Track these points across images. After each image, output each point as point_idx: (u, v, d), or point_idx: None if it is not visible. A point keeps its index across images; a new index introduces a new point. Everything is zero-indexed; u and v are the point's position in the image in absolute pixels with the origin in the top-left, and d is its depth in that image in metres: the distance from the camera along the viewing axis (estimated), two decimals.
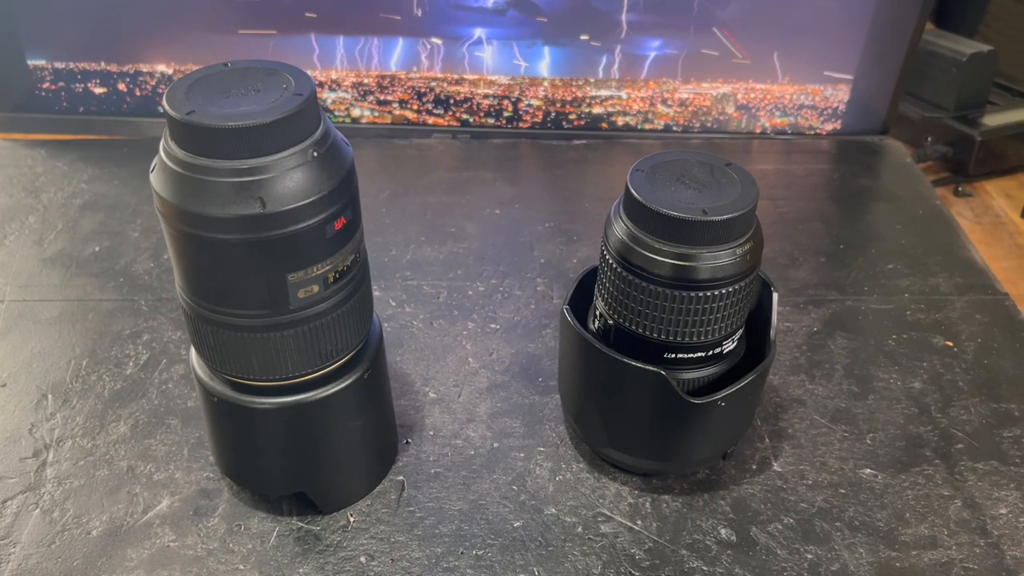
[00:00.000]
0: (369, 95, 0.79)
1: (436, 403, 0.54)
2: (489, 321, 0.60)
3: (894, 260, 0.67)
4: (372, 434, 0.47)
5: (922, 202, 0.75)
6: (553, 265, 0.66)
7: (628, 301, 0.43)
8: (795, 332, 0.60)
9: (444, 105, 0.81)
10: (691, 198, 0.42)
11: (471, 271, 0.65)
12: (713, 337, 0.44)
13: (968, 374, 0.57)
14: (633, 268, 0.42)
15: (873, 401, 0.55)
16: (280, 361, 0.41)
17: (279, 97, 0.37)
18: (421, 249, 0.67)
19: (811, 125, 0.83)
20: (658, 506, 0.48)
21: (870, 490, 0.49)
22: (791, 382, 0.56)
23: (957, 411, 0.54)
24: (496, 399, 0.54)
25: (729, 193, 0.42)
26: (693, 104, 0.81)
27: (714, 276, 0.41)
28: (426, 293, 0.62)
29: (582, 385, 0.48)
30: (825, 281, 0.65)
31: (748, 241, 0.42)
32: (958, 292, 0.64)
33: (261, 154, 0.36)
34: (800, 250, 0.68)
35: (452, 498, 0.48)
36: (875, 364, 0.57)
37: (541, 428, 0.52)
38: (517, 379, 0.56)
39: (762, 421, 0.53)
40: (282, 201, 0.36)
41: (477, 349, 0.58)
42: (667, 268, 0.41)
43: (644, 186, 0.42)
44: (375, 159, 0.78)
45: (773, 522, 0.47)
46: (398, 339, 0.58)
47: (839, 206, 0.75)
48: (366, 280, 0.44)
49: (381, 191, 0.73)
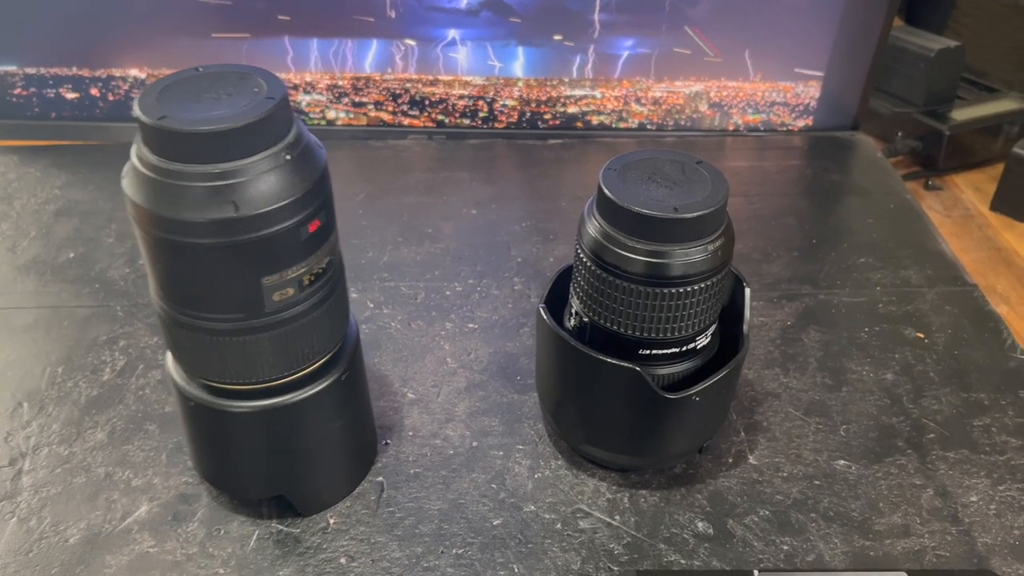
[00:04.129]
0: (344, 97, 0.79)
1: (415, 403, 0.54)
2: (467, 321, 0.60)
3: (866, 254, 0.68)
4: (351, 436, 0.47)
5: (893, 196, 0.76)
6: (530, 264, 0.66)
7: (602, 299, 0.44)
8: (769, 326, 0.61)
9: (419, 106, 0.81)
10: (663, 196, 0.42)
11: (448, 271, 0.65)
12: (687, 333, 0.44)
13: (939, 365, 0.58)
14: (607, 266, 0.43)
15: (846, 393, 0.55)
16: (256, 364, 0.41)
17: (251, 101, 0.37)
18: (398, 250, 0.67)
19: (783, 122, 0.84)
20: (636, 501, 0.48)
21: (844, 481, 0.50)
22: (766, 376, 0.57)
23: (928, 401, 0.55)
24: (475, 398, 0.54)
25: (700, 190, 0.42)
26: (666, 102, 0.81)
27: (687, 273, 0.42)
28: (404, 294, 0.63)
29: (559, 382, 0.48)
30: (798, 275, 0.66)
31: (720, 237, 0.42)
32: (928, 284, 0.65)
33: (234, 158, 0.36)
34: (773, 245, 0.69)
35: (432, 498, 0.48)
36: (848, 356, 0.58)
37: (520, 426, 0.53)
38: (495, 378, 0.56)
39: (738, 415, 0.54)
40: (255, 204, 0.36)
41: (455, 349, 0.58)
42: (640, 265, 0.42)
43: (616, 185, 0.42)
44: (351, 161, 0.78)
45: (749, 514, 0.48)
46: (376, 340, 0.58)
47: (811, 201, 0.76)
48: (342, 282, 0.44)
49: (357, 193, 0.74)
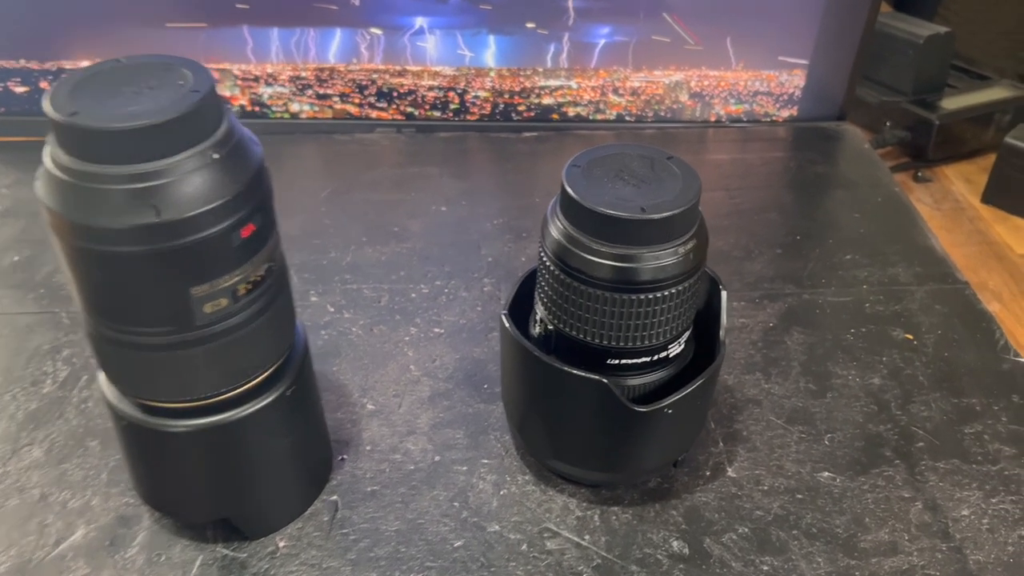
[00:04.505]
0: (308, 89, 0.76)
1: (374, 415, 0.51)
2: (433, 325, 0.57)
3: (852, 250, 0.65)
4: (301, 453, 0.44)
5: (880, 189, 0.73)
6: (501, 264, 0.63)
7: (567, 305, 0.41)
8: (750, 328, 0.58)
9: (387, 98, 0.77)
10: (630, 195, 0.39)
11: (414, 272, 0.62)
12: (658, 341, 0.41)
13: (928, 368, 0.55)
14: (571, 271, 0.39)
15: (831, 399, 0.53)
16: (190, 381, 0.38)
17: (174, 94, 0.34)
18: (362, 250, 0.64)
19: (767, 112, 0.81)
20: (607, 519, 0.45)
21: (828, 494, 0.47)
22: (746, 381, 0.54)
23: (917, 407, 0.52)
24: (438, 409, 0.51)
25: (670, 188, 0.39)
26: (645, 93, 0.78)
27: (656, 277, 0.39)
28: (366, 297, 0.59)
29: (524, 394, 0.45)
30: (781, 274, 0.63)
31: (691, 239, 0.39)
32: (918, 282, 0.62)
33: (154, 157, 0.33)
34: (756, 242, 0.66)
35: (389, 518, 0.45)
36: (833, 360, 0.55)
37: (485, 439, 0.50)
38: (461, 387, 0.53)
39: (716, 423, 0.51)
40: (179, 208, 0.33)
41: (419, 356, 0.55)
42: (606, 270, 0.39)
43: (580, 183, 0.39)
44: (315, 156, 0.75)
45: (727, 532, 0.45)
46: (335, 347, 0.55)
47: (796, 195, 0.73)
48: (285, 290, 0.40)
49: (321, 189, 0.70)
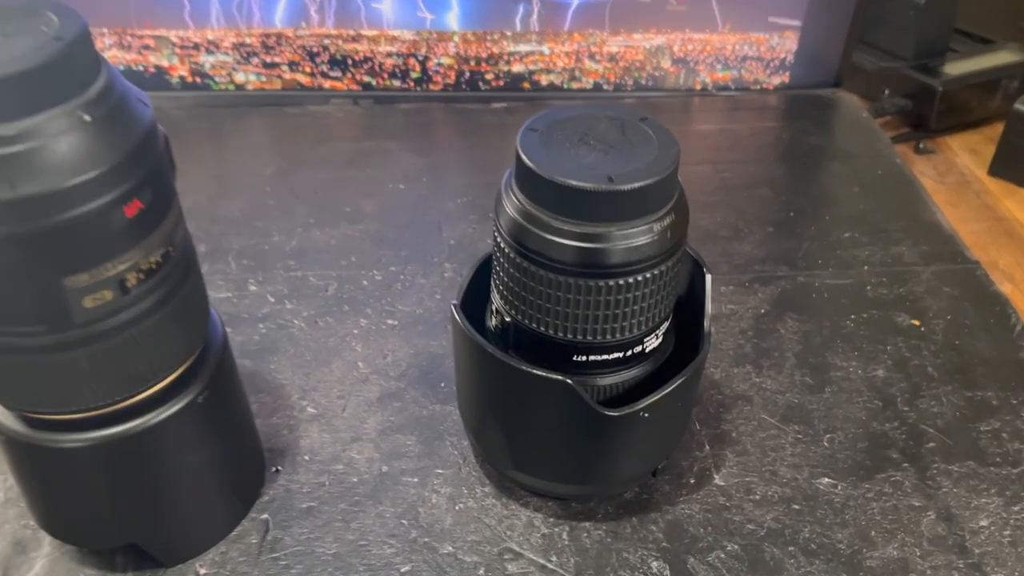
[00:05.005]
0: (253, 57, 0.69)
1: (315, 420, 0.45)
2: (385, 316, 0.51)
3: (851, 228, 0.59)
4: (222, 467, 0.38)
5: (881, 161, 0.67)
6: (464, 247, 0.57)
7: (526, 294, 0.35)
8: (740, 315, 0.52)
9: (341, 66, 0.71)
10: (596, 162, 0.33)
11: (367, 257, 0.56)
12: (631, 334, 0.35)
13: (938, 358, 0.49)
14: (529, 253, 0.34)
15: (830, 395, 0.47)
16: (75, 389, 0.32)
17: (33, 42, 0.27)
18: (309, 233, 0.57)
19: (756, 79, 0.75)
20: (577, 536, 0.40)
21: (829, 504, 0.41)
22: (735, 375, 0.48)
23: (927, 402, 0.46)
24: (388, 411, 0.45)
25: (643, 154, 0.33)
26: (624, 59, 0.72)
27: (628, 260, 0.33)
28: (312, 285, 0.53)
29: (479, 398, 0.39)
30: (773, 255, 0.57)
31: (668, 214, 0.33)
32: (924, 262, 0.56)
33: (8, 118, 0.27)
34: (745, 220, 0.60)
35: (327, 539, 0.39)
36: (832, 350, 0.50)
37: (440, 445, 0.44)
38: (415, 385, 0.47)
39: (701, 424, 0.45)
40: (41, 181, 0.27)
41: (369, 351, 0.49)
42: (569, 252, 0.33)
43: (537, 150, 0.33)
44: (262, 130, 0.69)
45: (714, 550, 0.39)
46: (274, 343, 0.49)
47: (789, 168, 0.67)
48: (190, 280, 0.34)
49: (265, 167, 0.64)
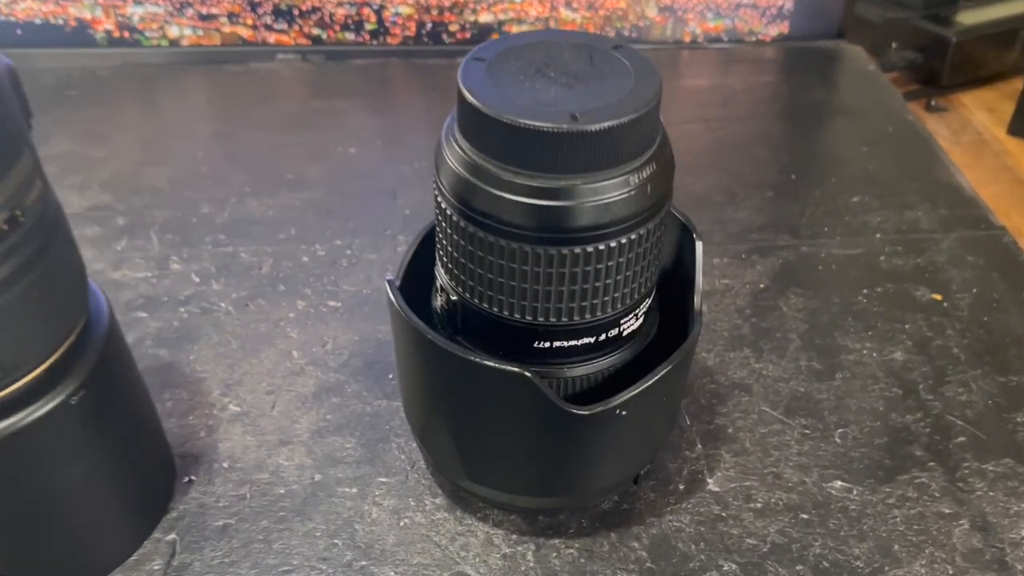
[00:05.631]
0: (187, 8, 0.62)
1: (238, 419, 0.38)
2: (327, 297, 0.44)
3: (860, 190, 0.53)
4: (112, 481, 0.32)
5: (891, 117, 0.60)
6: (421, 218, 0.50)
7: (473, 266, 0.28)
8: (736, 291, 0.45)
9: (287, 17, 0.63)
10: (557, 98, 0.26)
11: (309, 230, 0.49)
12: (605, 314, 0.29)
13: (964, 337, 0.43)
14: (475, 215, 0.27)
15: (842, 382, 0.40)
16: None
17: None
18: (244, 203, 0.50)
19: (751, 29, 0.68)
20: (545, 557, 0.33)
21: (843, 513, 0.35)
22: (731, 360, 0.41)
23: (953, 389, 0.40)
24: (325, 408, 0.39)
25: (616, 88, 0.26)
26: (604, 7, 0.64)
27: (598, 221, 0.26)
28: (243, 262, 0.46)
29: (422, 395, 0.32)
30: (774, 222, 0.50)
31: (649, 163, 0.27)
32: (944, 228, 0.50)
33: None
34: (741, 183, 0.53)
35: (244, 564, 0.33)
36: (842, 329, 0.43)
37: (385, 448, 0.37)
38: (358, 377, 0.40)
39: (692, 419, 0.39)
40: None
41: (306, 338, 0.42)
42: (525, 212, 0.26)
43: (484, 84, 0.26)
44: (199, 91, 0.61)
45: (708, 570, 0.33)
46: (195, 329, 0.42)
47: (789, 126, 0.60)
48: (52, 253, 0.27)
49: (199, 130, 0.57)
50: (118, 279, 0.45)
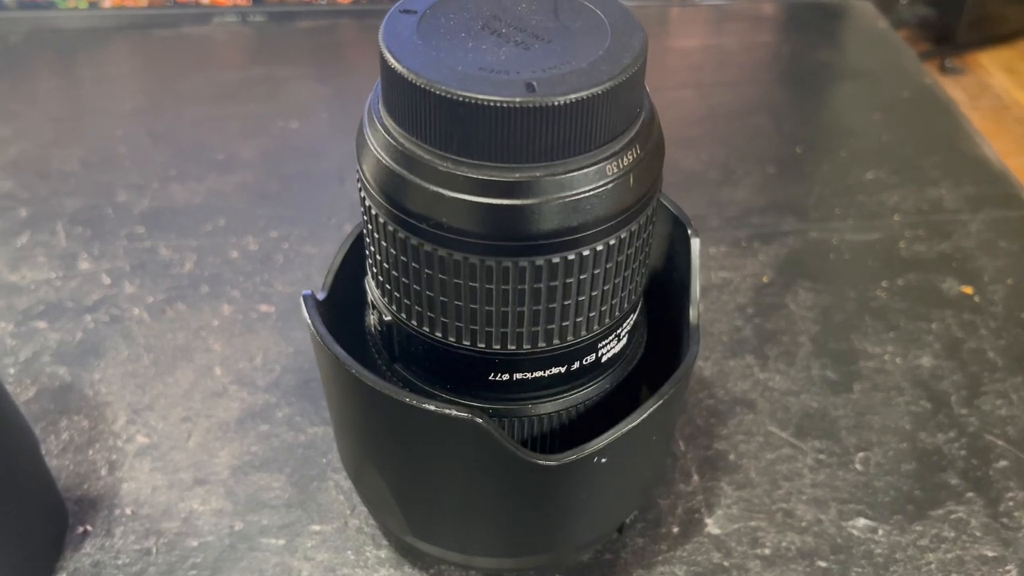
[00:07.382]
0: None
1: (146, 453, 0.32)
2: (258, 301, 0.38)
3: (874, 165, 0.47)
4: None
5: (907, 81, 0.54)
6: None
7: (409, 281, 0.22)
8: (735, 286, 0.39)
9: None
10: (510, 61, 0.20)
11: (239, 219, 0.42)
12: (577, 337, 0.23)
13: (1000, 338, 0.37)
14: (408, 218, 0.21)
15: (861, 394, 0.34)
16: None
17: None
18: (167, 189, 0.44)
19: None
20: None
21: (867, 558, 0.29)
22: (731, 370, 0.35)
23: (991, 401, 0.34)
24: (250, 438, 0.33)
25: (587, 48, 0.20)
26: None
27: (566, 224, 0.20)
28: (162, 260, 0.40)
29: (353, 435, 0.26)
30: (777, 203, 0.44)
31: (631, 146, 0.20)
32: (971, 208, 0.44)
33: None
34: (739, 158, 0.47)
35: None
36: (859, 331, 0.37)
37: (320, 487, 0.31)
38: (290, 399, 0.34)
39: (687, 443, 0.33)
40: None
41: (231, 351, 0.36)
42: (470, 213, 0.20)
43: (412, 44, 0.20)
44: (124, 59, 0.54)
45: None
46: (101, 342, 0.36)
47: (792, 92, 0.54)
48: None
49: (120, 105, 0.49)
50: (15, 282, 0.38)
